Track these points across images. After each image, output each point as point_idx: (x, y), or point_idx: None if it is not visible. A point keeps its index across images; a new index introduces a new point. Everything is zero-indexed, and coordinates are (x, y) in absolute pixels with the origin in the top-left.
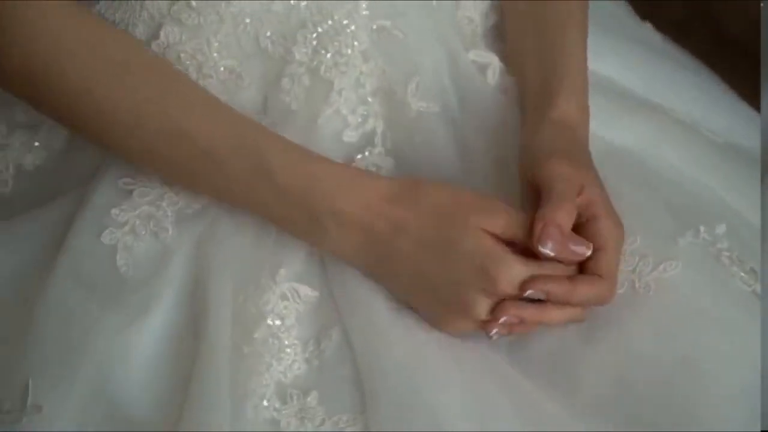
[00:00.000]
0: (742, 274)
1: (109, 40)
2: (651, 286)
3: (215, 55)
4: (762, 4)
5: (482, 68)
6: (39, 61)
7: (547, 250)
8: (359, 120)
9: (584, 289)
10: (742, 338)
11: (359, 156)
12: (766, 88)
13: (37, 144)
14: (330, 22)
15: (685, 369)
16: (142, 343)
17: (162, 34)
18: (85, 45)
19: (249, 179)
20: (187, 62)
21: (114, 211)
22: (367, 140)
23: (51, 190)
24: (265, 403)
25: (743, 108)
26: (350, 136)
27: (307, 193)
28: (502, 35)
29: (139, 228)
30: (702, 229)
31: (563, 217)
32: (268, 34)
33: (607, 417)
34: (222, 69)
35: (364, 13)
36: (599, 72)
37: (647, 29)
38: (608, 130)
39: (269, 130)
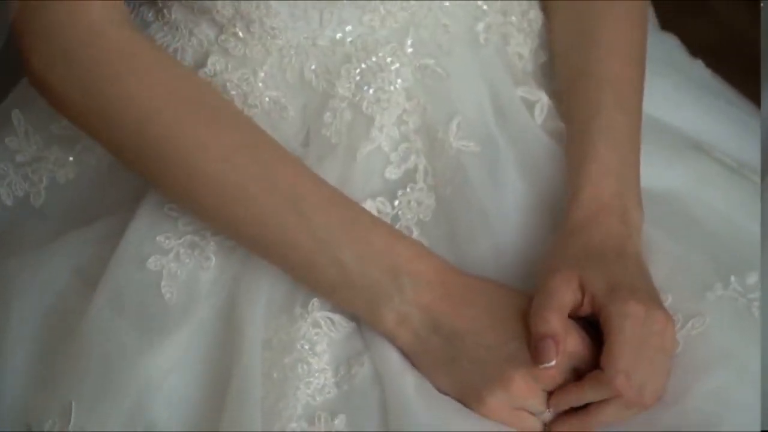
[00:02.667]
0: None
1: (196, 80)
2: (679, 343)
3: (260, 85)
4: (762, 4)
5: (531, 105)
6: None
7: (549, 363)
8: (401, 157)
9: (589, 395)
10: None
11: (401, 192)
12: (766, 88)
13: (71, 159)
14: (374, 58)
15: (710, 417)
16: (178, 369)
17: (209, 62)
18: (172, 83)
19: (335, 231)
20: (233, 92)
21: (159, 238)
22: (409, 177)
23: (83, 206)
24: (293, 424)
25: None
26: (392, 173)
27: (392, 249)
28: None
29: (183, 256)
30: (733, 279)
31: (549, 328)
32: (313, 67)
33: None
34: (267, 100)
35: (408, 50)
36: (645, 111)
37: (698, 66)
38: (651, 173)
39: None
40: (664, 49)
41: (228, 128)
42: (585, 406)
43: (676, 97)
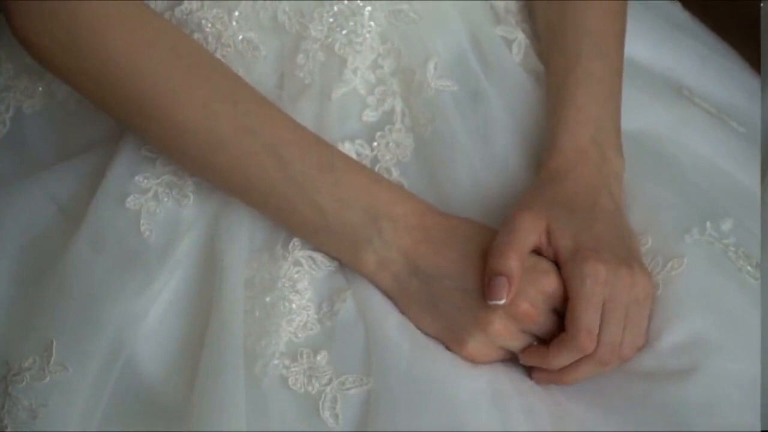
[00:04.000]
0: (749, 267)
1: (174, 33)
2: (660, 284)
3: (234, 24)
4: (762, 4)
5: (509, 44)
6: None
7: (498, 301)
8: (378, 99)
9: (557, 355)
10: (748, 328)
11: (379, 133)
12: (766, 88)
13: (40, 89)
14: (346, 1)
15: (686, 358)
16: (158, 306)
17: (185, 1)
18: (150, 35)
19: (314, 176)
20: (207, 29)
21: (138, 178)
22: (387, 119)
23: (53, 140)
24: (275, 361)
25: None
26: (370, 116)
27: (371, 193)
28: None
29: (161, 195)
30: (708, 225)
31: (504, 265)
32: (286, 9)
33: (614, 410)
34: (240, 39)
35: None
36: (625, 54)
37: (676, 7)
38: (631, 116)
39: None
40: None
41: (207, 78)
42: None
43: (655, 39)
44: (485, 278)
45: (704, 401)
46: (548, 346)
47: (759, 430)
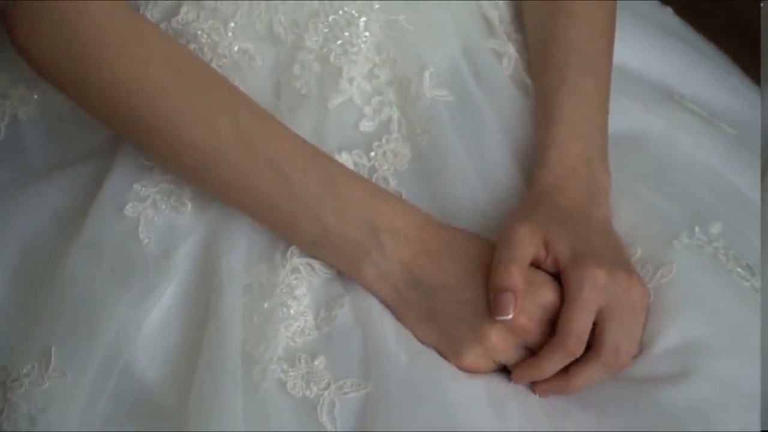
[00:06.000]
0: (739, 269)
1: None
2: (651, 293)
3: (230, 35)
4: (762, 4)
5: (499, 57)
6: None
7: (506, 317)
8: (374, 109)
9: (546, 360)
10: (741, 330)
11: (376, 143)
12: (766, 88)
13: (36, 96)
14: (341, 12)
15: (680, 362)
16: (156, 312)
17: (182, 11)
18: (153, 51)
19: (316, 190)
20: (203, 40)
21: (136, 186)
22: (384, 129)
23: (45, 146)
24: (273, 366)
25: (755, 93)
26: (367, 126)
27: (371, 206)
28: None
29: (159, 203)
30: (697, 229)
31: (509, 281)
32: (282, 20)
33: (610, 414)
34: (236, 49)
35: (376, 6)
36: (617, 60)
37: (667, 13)
38: (622, 121)
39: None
40: None
41: (207, 92)
42: (566, 369)
43: (647, 45)
44: (490, 294)
45: (700, 405)
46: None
47: (759, 430)
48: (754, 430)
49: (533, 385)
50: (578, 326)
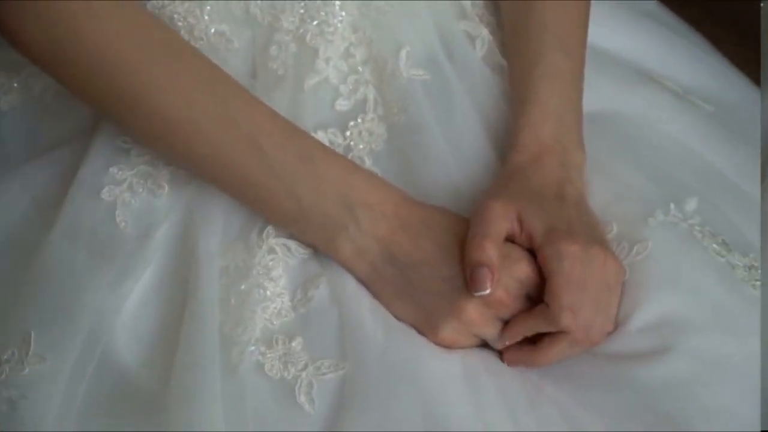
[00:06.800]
0: (715, 245)
1: (153, 23)
2: (627, 270)
3: (206, 18)
4: (762, 4)
5: (473, 40)
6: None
7: (483, 292)
8: (350, 88)
9: (521, 326)
10: (717, 306)
11: (352, 123)
12: (766, 89)
13: (16, 85)
14: None
15: (658, 338)
16: (134, 296)
17: None
18: (131, 25)
19: (293, 166)
20: (179, 23)
21: (112, 169)
22: (360, 108)
23: (30, 135)
24: (251, 348)
25: (732, 74)
26: (343, 105)
27: (347, 182)
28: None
29: (136, 186)
30: (672, 207)
31: (484, 256)
32: (258, 1)
33: (587, 390)
34: (213, 32)
35: None
36: (593, 41)
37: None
38: (599, 99)
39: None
40: None
41: (185, 67)
42: (535, 342)
43: (623, 25)
44: (467, 270)
45: (678, 381)
46: (534, 344)
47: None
48: (734, 406)
49: (504, 354)
50: (569, 300)
